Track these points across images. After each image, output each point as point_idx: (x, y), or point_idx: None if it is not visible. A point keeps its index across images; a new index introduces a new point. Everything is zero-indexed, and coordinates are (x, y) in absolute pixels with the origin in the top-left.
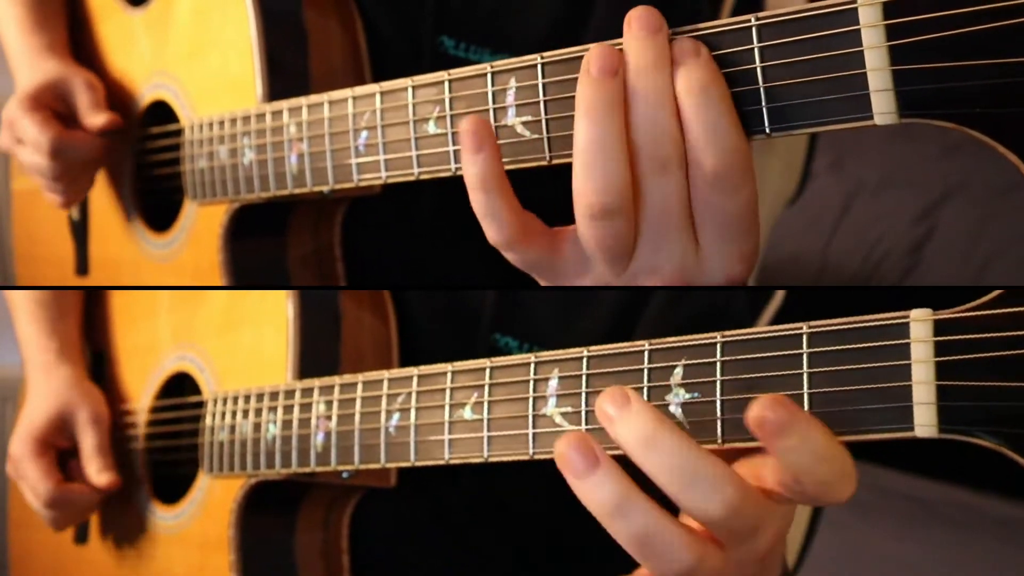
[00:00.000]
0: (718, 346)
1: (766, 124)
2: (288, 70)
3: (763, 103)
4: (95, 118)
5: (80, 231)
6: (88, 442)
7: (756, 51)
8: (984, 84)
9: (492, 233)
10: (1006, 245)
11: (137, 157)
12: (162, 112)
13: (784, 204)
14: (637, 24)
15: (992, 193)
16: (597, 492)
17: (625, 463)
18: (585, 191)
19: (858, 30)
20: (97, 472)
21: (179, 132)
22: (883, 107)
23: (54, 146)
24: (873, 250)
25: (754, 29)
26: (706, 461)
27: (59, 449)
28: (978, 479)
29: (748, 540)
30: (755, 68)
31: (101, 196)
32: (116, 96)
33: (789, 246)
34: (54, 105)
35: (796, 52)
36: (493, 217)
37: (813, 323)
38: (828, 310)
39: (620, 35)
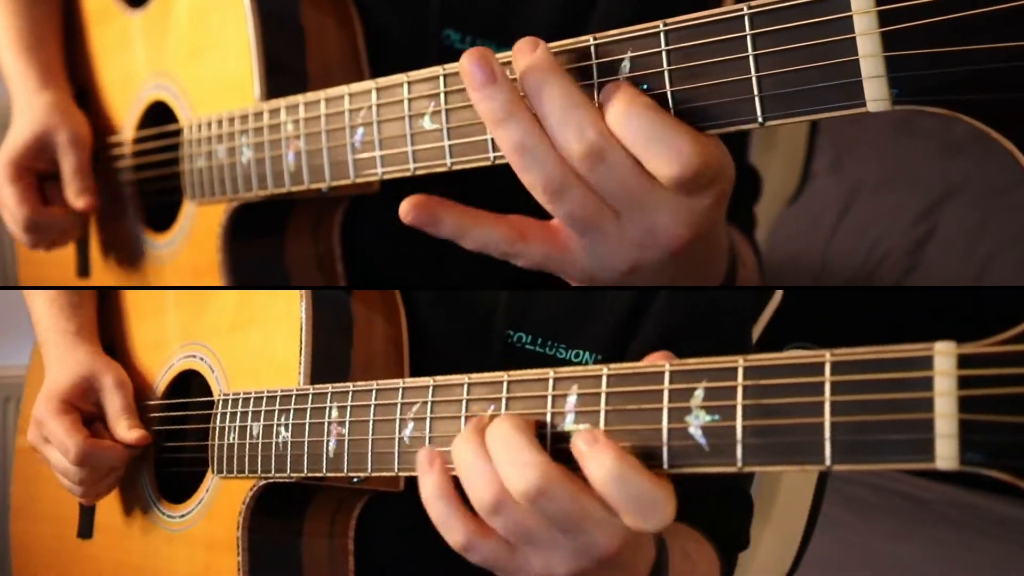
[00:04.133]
0: (739, 370)
1: (758, 113)
2: (286, 69)
3: (755, 92)
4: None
5: (81, 233)
6: (115, 402)
7: (748, 39)
8: (977, 69)
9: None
10: (1006, 245)
11: (136, 159)
12: (162, 113)
13: (784, 204)
14: (516, 50)
15: (992, 193)
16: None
17: None
18: (530, 184)
19: (850, 16)
20: (127, 429)
21: (178, 132)
22: (876, 94)
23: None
24: (873, 250)
25: (746, 18)
26: (531, 450)
27: (83, 413)
28: (978, 479)
29: (573, 531)
30: (747, 56)
31: (101, 198)
32: (115, 98)
33: (789, 246)
34: (36, 165)
35: (788, 40)
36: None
37: (836, 351)
38: (828, 310)
39: (624, 26)
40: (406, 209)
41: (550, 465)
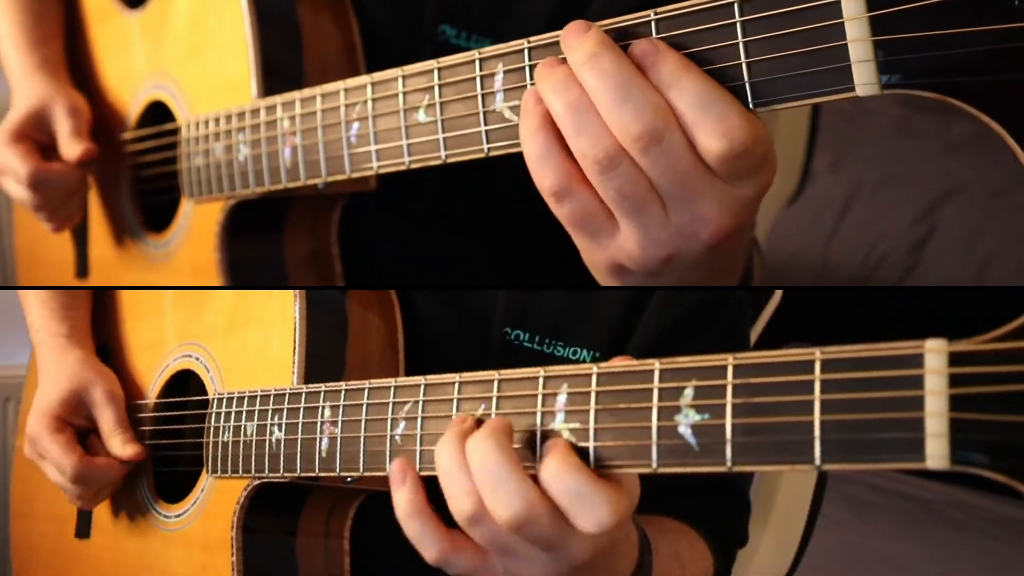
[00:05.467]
0: (729, 368)
1: (749, 99)
2: (283, 69)
3: (745, 78)
4: (71, 149)
5: (80, 234)
6: (107, 417)
7: (738, 26)
8: (965, 52)
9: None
10: (1006, 245)
11: (134, 158)
12: (160, 113)
13: (784, 204)
14: (566, 31)
15: (992, 193)
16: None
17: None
18: (579, 153)
19: (838, 1)
20: (122, 445)
21: (175, 131)
22: (865, 78)
23: (33, 178)
24: (873, 250)
25: (736, 5)
26: (515, 477)
27: (76, 427)
28: (978, 479)
29: (552, 549)
30: (737, 44)
31: (100, 199)
32: (114, 98)
33: (789, 246)
34: (36, 136)
35: (778, 26)
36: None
37: (826, 349)
38: (827, 310)
39: None
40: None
41: (534, 492)
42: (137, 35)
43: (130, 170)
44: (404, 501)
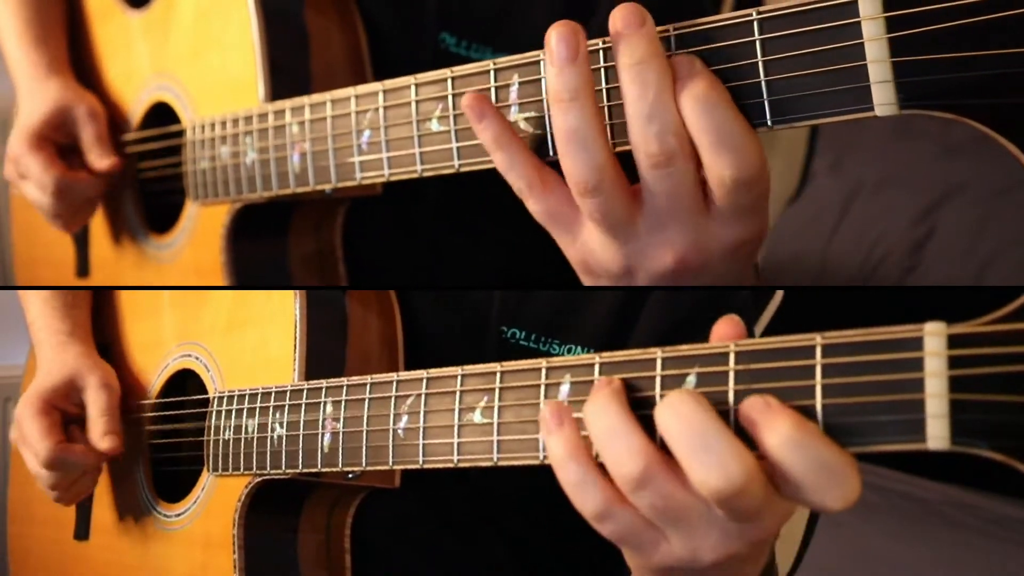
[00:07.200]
0: (731, 355)
1: (767, 116)
2: (289, 71)
3: (764, 96)
4: (100, 161)
5: (81, 233)
6: (96, 405)
7: (757, 44)
8: (984, 75)
9: (513, 182)
10: (1006, 245)
11: (138, 159)
12: (164, 113)
13: (784, 204)
14: (622, 22)
15: (992, 193)
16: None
17: None
18: (567, 171)
19: (859, 22)
20: (101, 436)
21: (180, 133)
22: (884, 99)
23: (57, 186)
24: (873, 250)
25: (755, 23)
26: (721, 435)
27: (65, 415)
28: (978, 479)
29: (752, 520)
30: (756, 62)
31: (103, 198)
32: (116, 98)
33: (789, 246)
34: (57, 138)
35: (797, 45)
36: (511, 169)
37: (827, 334)
38: (828, 310)
39: None
40: (465, 99)
41: (750, 459)
42: (140, 35)
43: (133, 171)
44: (563, 443)
